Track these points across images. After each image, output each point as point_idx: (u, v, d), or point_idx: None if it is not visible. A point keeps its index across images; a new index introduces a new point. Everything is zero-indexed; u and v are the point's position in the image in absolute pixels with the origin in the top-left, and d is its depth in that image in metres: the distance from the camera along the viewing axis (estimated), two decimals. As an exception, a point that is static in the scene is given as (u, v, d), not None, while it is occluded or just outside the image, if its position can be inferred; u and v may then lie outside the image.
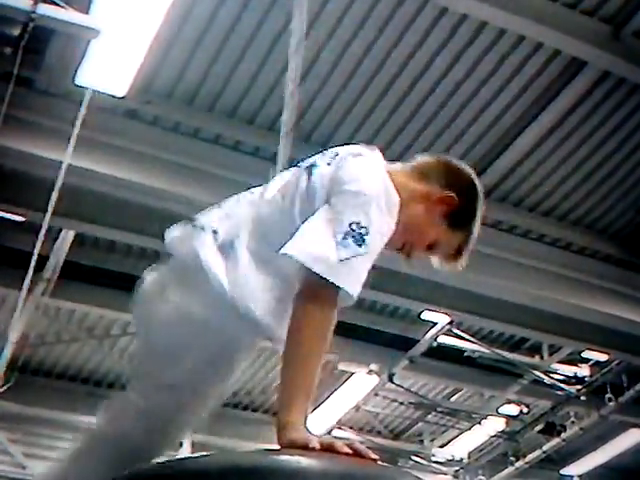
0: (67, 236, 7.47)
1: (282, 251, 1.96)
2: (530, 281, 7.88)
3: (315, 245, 1.95)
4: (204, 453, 2.01)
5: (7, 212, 7.05)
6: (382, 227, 2.04)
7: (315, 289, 1.94)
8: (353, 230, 1.97)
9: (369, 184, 2.06)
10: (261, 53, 6.43)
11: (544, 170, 7.58)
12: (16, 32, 5.76)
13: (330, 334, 1.95)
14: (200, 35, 6.26)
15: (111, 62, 6.00)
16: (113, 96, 6.41)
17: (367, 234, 1.98)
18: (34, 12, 5.12)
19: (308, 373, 1.90)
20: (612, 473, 12.20)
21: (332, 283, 1.91)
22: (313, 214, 2.03)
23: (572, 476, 12.31)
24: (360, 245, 1.96)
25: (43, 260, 7.77)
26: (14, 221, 7.48)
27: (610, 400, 9.99)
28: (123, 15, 5.45)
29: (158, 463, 1.98)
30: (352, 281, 1.95)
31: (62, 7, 5.18)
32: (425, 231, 2.31)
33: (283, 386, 1.90)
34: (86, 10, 5.22)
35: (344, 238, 1.95)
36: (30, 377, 9.89)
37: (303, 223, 2.02)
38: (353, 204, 2.01)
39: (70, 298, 8.49)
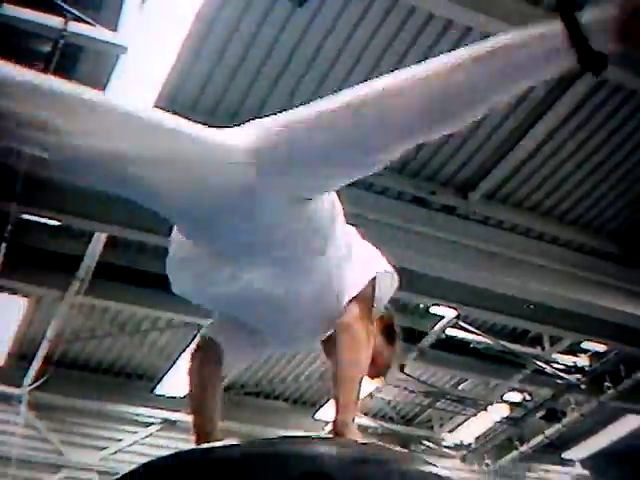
0: (100, 238, 7.48)
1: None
2: (532, 277, 7.84)
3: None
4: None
5: (43, 217, 7.06)
6: None
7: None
8: None
9: None
10: (277, 68, 6.42)
11: (544, 172, 7.54)
12: (48, 48, 5.76)
13: None
14: (220, 51, 6.26)
15: (138, 76, 6.00)
16: (140, 109, 6.41)
17: None
18: (65, 30, 5.11)
19: (360, 384, 2.15)
20: (611, 457, 12.13)
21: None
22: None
23: (573, 460, 12.25)
24: None
25: (77, 261, 7.82)
26: (50, 226, 7.50)
27: (608, 388, 9.97)
28: (149, 32, 5.45)
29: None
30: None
31: (91, 25, 5.18)
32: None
33: (344, 394, 2.12)
34: (114, 27, 5.21)
35: None
36: (66, 370, 9.92)
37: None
38: None
39: (103, 296, 8.49)
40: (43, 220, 7.23)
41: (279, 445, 1.86)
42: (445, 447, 11.58)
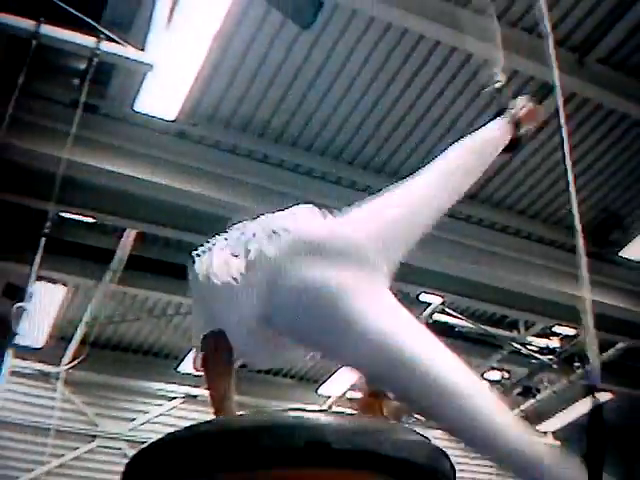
0: (130, 234, 7.49)
1: None
2: (509, 269, 7.85)
3: None
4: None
5: (80, 215, 7.07)
6: None
7: None
8: None
9: None
10: (285, 83, 6.42)
11: (519, 176, 7.55)
12: (82, 66, 5.77)
13: None
14: (235, 68, 6.26)
15: (163, 91, 6.01)
16: (165, 120, 6.43)
17: None
18: (98, 49, 5.12)
19: None
20: (579, 430, 12.04)
21: None
22: None
23: (546, 432, 12.25)
24: None
25: (110, 254, 7.84)
26: (86, 222, 7.51)
27: (578, 368, 9.94)
28: (173, 51, 5.45)
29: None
30: None
31: (121, 45, 5.19)
32: None
33: None
34: (142, 47, 5.22)
35: None
36: (100, 350, 9.93)
37: None
38: None
39: (133, 285, 8.51)
40: (80, 217, 7.24)
41: (286, 417, 1.86)
42: (433, 419, 11.59)
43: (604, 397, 9.65)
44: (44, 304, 8.49)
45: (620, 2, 5.83)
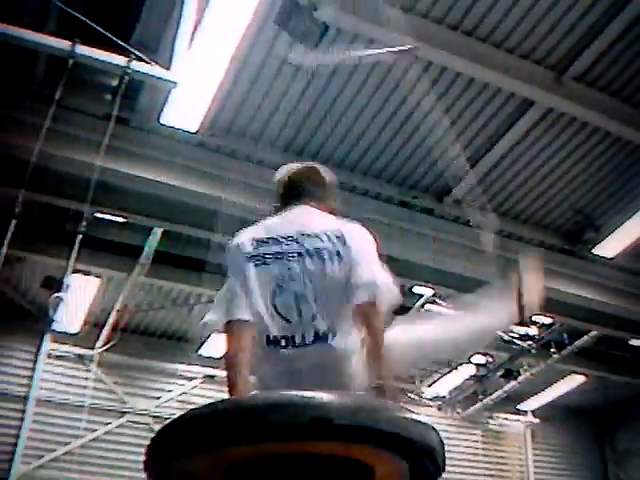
0: (157, 232, 7.50)
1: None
2: (493, 265, 7.80)
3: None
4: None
5: (112, 215, 7.08)
6: None
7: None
8: None
9: None
10: (295, 98, 6.41)
11: (501, 183, 7.53)
12: (114, 83, 5.77)
13: None
14: (249, 87, 6.26)
15: (186, 106, 6.00)
16: (187, 131, 6.42)
17: None
18: (128, 68, 5.11)
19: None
20: (556, 409, 12.11)
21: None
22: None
23: (526, 410, 12.23)
24: None
25: (139, 250, 7.85)
26: (117, 222, 7.52)
27: (554, 353, 9.92)
28: (195, 71, 5.44)
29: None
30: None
31: (149, 64, 5.18)
32: None
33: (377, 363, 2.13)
34: (167, 66, 5.21)
35: None
36: (130, 336, 9.94)
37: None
38: None
39: (159, 277, 8.50)
40: (112, 217, 7.24)
41: (293, 396, 1.85)
42: (425, 399, 11.56)
43: (579, 380, 9.54)
44: (80, 294, 8.52)
45: (593, 25, 5.80)
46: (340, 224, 2.33)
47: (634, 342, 9.64)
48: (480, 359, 10.70)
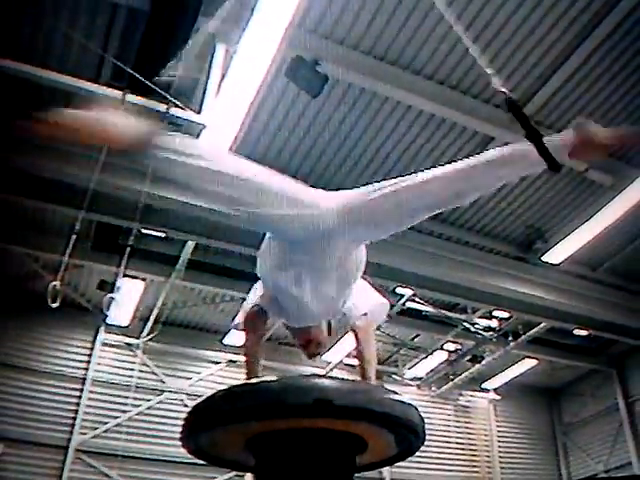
0: (190, 244, 7.49)
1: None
2: (460, 269, 7.77)
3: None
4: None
5: (154, 230, 7.07)
6: None
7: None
8: None
9: None
10: (300, 135, 6.41)
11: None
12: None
13: None
14: (263, 129, 6.26)
15: (213, 144, 5.99)
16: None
17: None
18: (168, 112, 5.14)
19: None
20: (514, 387, 12.03)
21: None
22: None
23: (489, 389, 12.14)
24: None
25: (176, 258, 7.83)
26: (160, 237, 7.51)
27: (511, 341, 9.85)
28: (220, 114, 5.43)
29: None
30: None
31: (183, 109, 5.19)
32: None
33: (370, 365, 2.29)
34: (198, 111, 5.22)
35: None
36: (168, 328, 9.87)
37: None
38: None
39: (192, 281, 8.44)
40: (154, 232, 7.24)
41: (300, 380, 1.83)
42: (406, 379, 11.49)
43: (532, 363, 9.42)
44: (128, 294, 8.51)
45: (548, 67, 5.73)
46: None
47: (577, 332, 9.58)
48: (451, 346, 10.67)
